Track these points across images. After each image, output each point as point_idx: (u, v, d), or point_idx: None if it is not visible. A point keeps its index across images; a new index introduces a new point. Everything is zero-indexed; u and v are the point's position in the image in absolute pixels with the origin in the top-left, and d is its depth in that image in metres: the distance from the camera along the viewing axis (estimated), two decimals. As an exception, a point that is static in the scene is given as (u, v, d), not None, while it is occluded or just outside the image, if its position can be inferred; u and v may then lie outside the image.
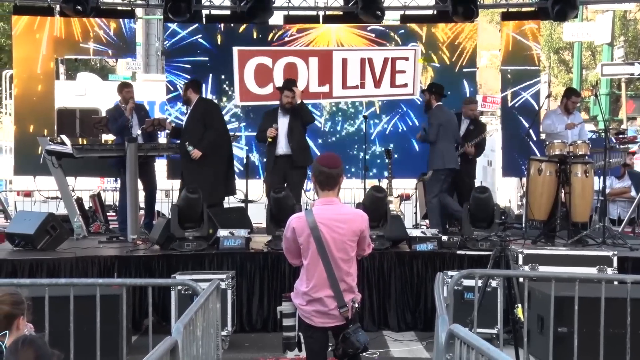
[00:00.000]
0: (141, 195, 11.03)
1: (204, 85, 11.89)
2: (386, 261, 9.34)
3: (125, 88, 11.43)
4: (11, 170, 13.15)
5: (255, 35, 12.81)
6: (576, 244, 9.77)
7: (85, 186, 13.15)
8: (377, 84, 13.00)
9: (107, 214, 12.45)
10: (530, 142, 12.12)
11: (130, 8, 13.05)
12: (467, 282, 7.88)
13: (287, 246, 5.43)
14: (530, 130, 11.78)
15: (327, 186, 5.30)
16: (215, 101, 12.05)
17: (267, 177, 10.83)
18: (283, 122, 10.56)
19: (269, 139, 10.46)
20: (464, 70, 12.88)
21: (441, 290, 5.74)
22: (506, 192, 16.75)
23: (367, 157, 12.16)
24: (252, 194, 11.75)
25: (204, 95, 11.45)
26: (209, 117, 10.75)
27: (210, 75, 12.72)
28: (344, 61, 13.00)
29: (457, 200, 10.79)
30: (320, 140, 12.83)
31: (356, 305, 5.35)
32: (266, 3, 12.00)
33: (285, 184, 10.33)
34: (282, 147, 10.57)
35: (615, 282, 7.16)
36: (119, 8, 12.89)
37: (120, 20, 12.60)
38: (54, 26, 12.45)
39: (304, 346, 5.44)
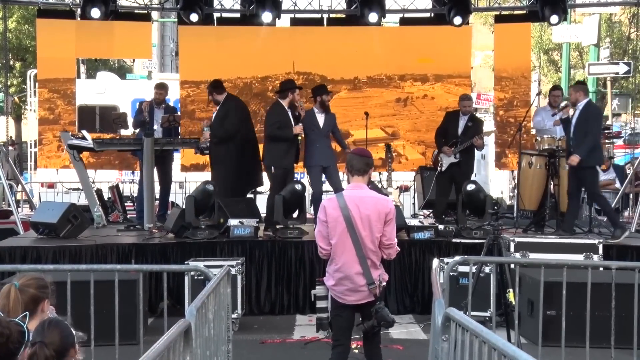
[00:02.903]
0: (157, 187, 11.03)
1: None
2: (386, 249, 9.32)
3: (158, 89, 11.45)
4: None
5: None
6: (564, 232, 9.76)
7: (104, 178, 13.17)
8: None
9: (125, 204, 12.47)
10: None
11: (146, 12, 13.05)
12: (462, 268, 7.88)
13: (320, 228, 5.53)
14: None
15: (357, 172, 5.50)
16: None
17: (280, 172, 10.23)
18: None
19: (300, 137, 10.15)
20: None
21: (438, 275, 5.76)
22: (499, 184, 16.73)
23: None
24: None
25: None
26: (226, 117, 10.67)
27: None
28: None
29: (455, 193, 10.68)
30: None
31: (384, 283, 5.47)
32: (274, 6, 11.97)
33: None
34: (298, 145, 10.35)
35: (601, 268, 7.17)
36: (136, 12, 12.89)
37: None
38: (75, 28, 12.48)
39: (333, 324, 5.54)
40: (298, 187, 9.58)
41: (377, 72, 13.03)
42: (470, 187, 9.79)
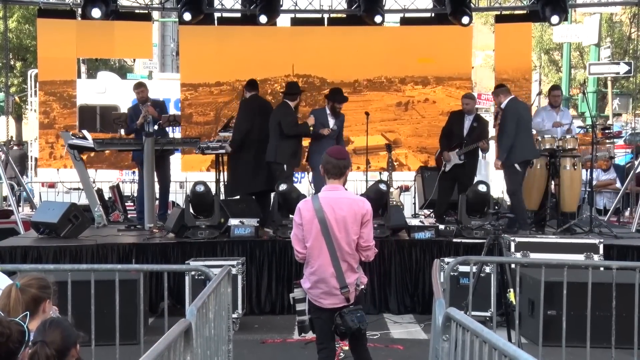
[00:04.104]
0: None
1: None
2: (387, 248, 9.33)
3: (136, 88, 11.34)
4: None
5: None
6: (565, 232, 9.76)
7: (104, 178, 13.18)
8: None
9: (126, 204, 12.46)
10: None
11: (147, 11, 13.05)
12: (463, 268, 7.88)
13: (295, 232, 5.46)
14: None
15: (334, 175, 5.41)
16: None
17: (289, 170, 10.34)
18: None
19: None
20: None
21: (438, 275, 5.74)
22: (499, 184, 16.70)
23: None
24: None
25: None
26: (238, 116, 10.77)
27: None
28: None
29: (457, 192, 10.65)
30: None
31: (361, 287, 5.38)
32: (274, 6, 11.97)
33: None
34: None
35: (601, 268, 7.15)
36: (137, 11, 12.89)
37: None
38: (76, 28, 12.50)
39: (314, 327, 5.48)
40: (282, 186, 9.52)
41: (377, 75, 13.00)
42: (482, 187, 9.76)
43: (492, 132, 11.50)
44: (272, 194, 10.29)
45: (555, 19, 11.90)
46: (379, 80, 13.03)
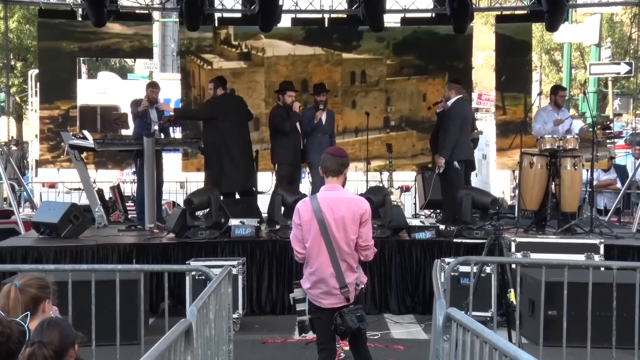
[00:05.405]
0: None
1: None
2: (387, 249, 9.33)
3: (149, 87, 11.36)
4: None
5: None
6: (565, 232, 9.75)
7: (105, 178, 13.17)
8: None
9: (126, 204, 12.45)
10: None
11: (147, 11, 13.04)
12: (463, 268, 7.87)
13: (294, 232, 5.46)
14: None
15: (332, 173, 5.40)
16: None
17: (284, 168, 10.44)
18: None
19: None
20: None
21: (439, 276, 5.74)
22: (500, 184, 16.71)
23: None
24: (260, 185, 11.67)
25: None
26: (207, 110, 10.79)
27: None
28: None
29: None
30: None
31: (361, 286, 5.38)
32: (275, 6, 11.96)
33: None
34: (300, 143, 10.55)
35: (602, 268, 7.14)
36: (137, 12, 12.88)
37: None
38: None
39: (315, 327, 5.48)
40: (289, 199, 9.50)
41: (376, 77, 12.94)
42: (487, 199, 9.88)
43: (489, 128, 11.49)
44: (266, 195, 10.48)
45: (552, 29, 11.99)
46: (378, 81, 12.94)
